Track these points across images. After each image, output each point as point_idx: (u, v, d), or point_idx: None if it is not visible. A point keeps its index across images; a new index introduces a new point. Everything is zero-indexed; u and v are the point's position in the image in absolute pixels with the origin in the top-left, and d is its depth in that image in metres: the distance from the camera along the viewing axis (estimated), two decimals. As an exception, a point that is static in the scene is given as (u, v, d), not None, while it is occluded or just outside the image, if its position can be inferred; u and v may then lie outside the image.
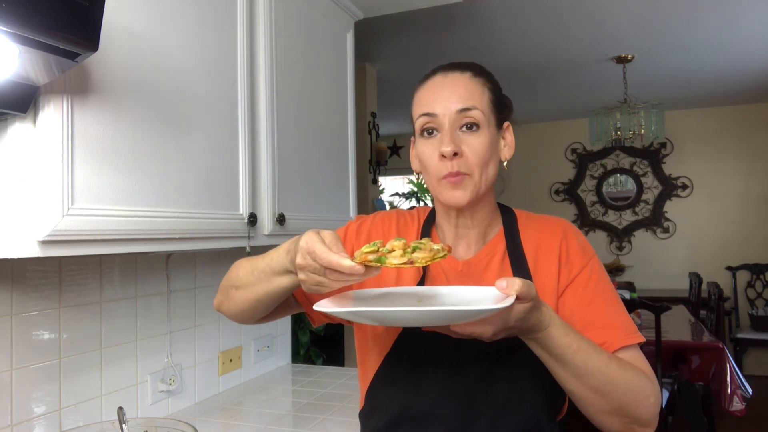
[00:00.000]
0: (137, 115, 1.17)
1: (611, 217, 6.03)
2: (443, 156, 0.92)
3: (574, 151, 6.15)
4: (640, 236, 5.91)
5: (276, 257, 0.88)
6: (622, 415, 0.86)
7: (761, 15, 3.23)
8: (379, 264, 0.73)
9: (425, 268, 1.00)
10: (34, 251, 0.98)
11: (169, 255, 1.67)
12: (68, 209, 1.01)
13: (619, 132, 4.18)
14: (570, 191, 6.18)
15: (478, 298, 0.80)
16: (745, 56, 3.99)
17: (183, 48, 1.31)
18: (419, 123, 0.96)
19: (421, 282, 1.00)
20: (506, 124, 1.01)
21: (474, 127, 0.94)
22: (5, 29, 0.77)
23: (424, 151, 0.96)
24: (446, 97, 0.94)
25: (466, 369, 0.93)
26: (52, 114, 0.99)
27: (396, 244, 0.75)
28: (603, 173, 6.06)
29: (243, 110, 1.51)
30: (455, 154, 0.92)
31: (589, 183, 6.12)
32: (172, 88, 1.28)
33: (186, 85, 1.32)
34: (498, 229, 1.03)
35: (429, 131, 0.96)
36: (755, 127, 5.52)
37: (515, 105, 1.05)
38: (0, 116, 0.97)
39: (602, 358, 0.84)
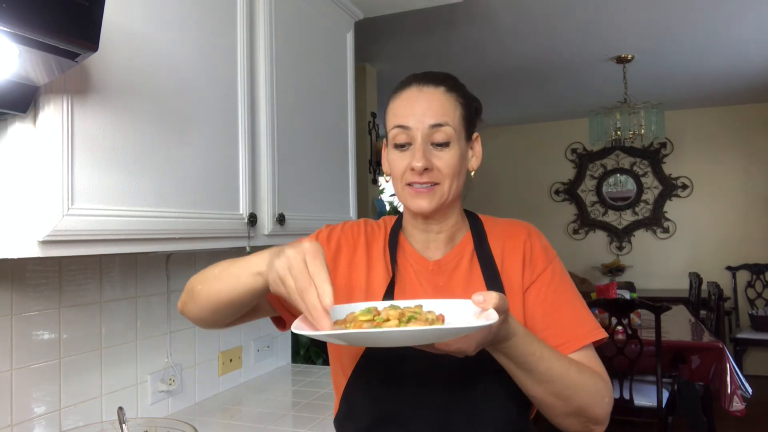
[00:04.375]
0: (137, 115, 1.17)
1: (611, 217, 6.03)
2: (413, 170, 0.95)
3: (574, 151, 6.15)
4: (640, 236, 5.91)
5: (254, 260, 0.86)
6: (580, 416, 0.90)
7: (761, 15, 3.23)
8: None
9: (395, 271, 1.01)
10: (34, 251, 0.98)
11: (169, 255, 1.67)
12: (68, 209, 1.01)
13: (619, 132, 4.18)
14: (570, 191, 6.17)
15: (457, 312, 0.80)
16: (744, 56, 3.99)
17: (183, 48, 1.31)
18: (392, 134, 0.99)
19: (392, 283, 1.00)
20: (475, 135, 1.04)
21: (444, 144, 0.96)
22: (5, 29, 0.77)
23: (395, 162, 0.99)
24: (421, 111, 0.96)
25: (440, 366, 0.93)
26: (52, 114, 0.99)
27: (392, 313, 0.75)
28: (603, 173, 6.06)
29: (243, 110, 1.51)
30: (426, 169, 0.95)
31: (589, 183, 6.12)
32: (172, 88, 1.28)
33: (186, 85, 1.32)
34: (466, 232, 1.06)
35: (402, 145, 0.98)
36: (755, 127, 5.52)
37: (515, 104, 1.07)
38: (0, 116, 0.97)
39: (563, 365, 0.88)
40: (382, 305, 0.80)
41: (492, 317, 0.72)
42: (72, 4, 0.84)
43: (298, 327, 0.73)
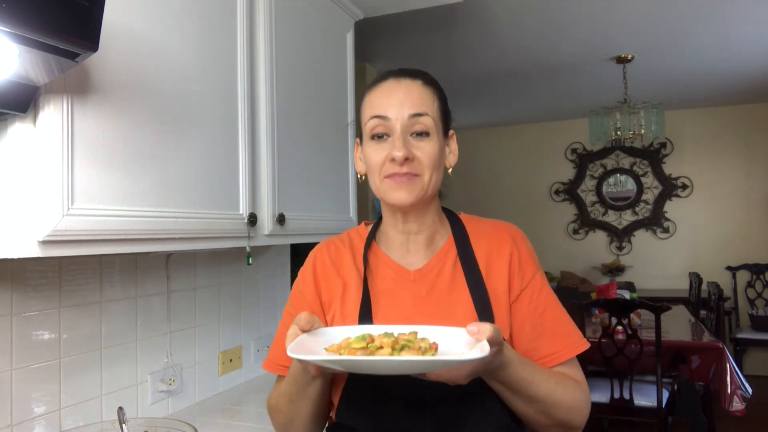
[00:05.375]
0: (137, 115, 1.17)
1: (611, 217, 6.03)
2: (393, 160, 0.92)
3: (574, 151, 6.15)
4: (640, 236, 5.91)
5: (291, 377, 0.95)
6: (560, 426, 0.94)
7: (761, 16, 3.23)
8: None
9: (368, 284, 0.99)
10: (34, 251, 0.98)
11: (169, 255, 1.67)
12: (68, 209, 1.01)
13: (619, 132, 4.18)
14: (570, 191, 6.17)
15: (451, 340, 0.80)
16: (745, 56, 3.99)
17: (183, 48, 1.31)
18: (370, 125, 0.96)
19: (366, 295, 0.97)
20: (451, 132, 1.03)
21: (424, 134, 0.94)
22: (5, 29, 0.77)
23: (372, 155, 0.95)
24: (399, 101, 0.94)
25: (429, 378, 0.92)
26: (52, 114, 0.99)
27: (385, 341, 0.75)
28: (603, 173, 6.06)
29: (243, 110, 1.51)
30: (406, 159, 0.92)
31: (589, 183, 6.12)
32: (172, 88, 1.28)
33: (186, 85, 1.32)
34: (447, 236, 1.03)
35: (379, 135, 0.95)
36: (755, 127, 5.52)
37: (514, 104, 1.07)
38: (0, 116, 0.97)
39: (549, 385, 0.90)
40: (377, 331, 0.80)
41: (485, 350, 0.71)
42: (72, 4, 0.84)
43: (294, 351, 0.74)
